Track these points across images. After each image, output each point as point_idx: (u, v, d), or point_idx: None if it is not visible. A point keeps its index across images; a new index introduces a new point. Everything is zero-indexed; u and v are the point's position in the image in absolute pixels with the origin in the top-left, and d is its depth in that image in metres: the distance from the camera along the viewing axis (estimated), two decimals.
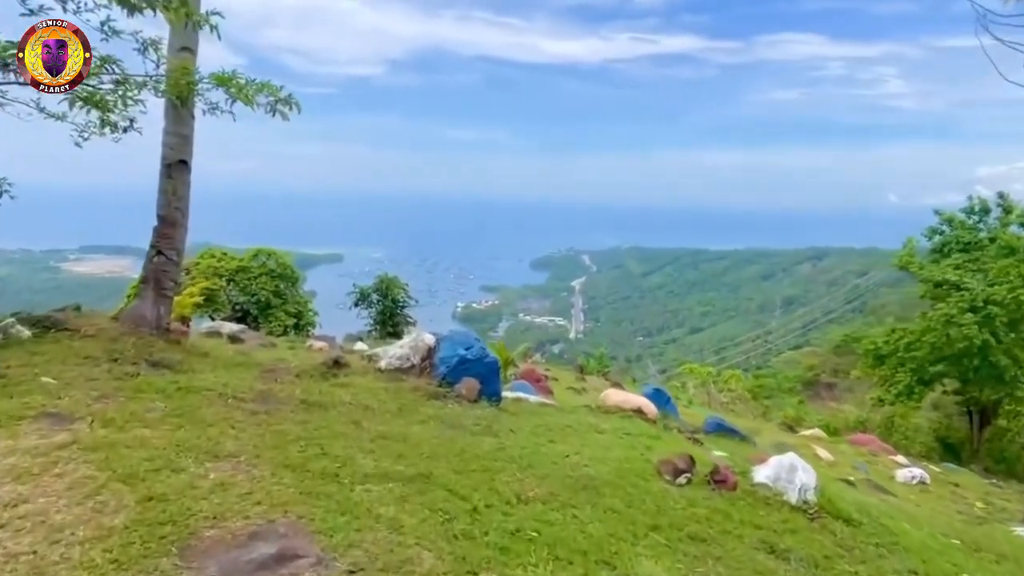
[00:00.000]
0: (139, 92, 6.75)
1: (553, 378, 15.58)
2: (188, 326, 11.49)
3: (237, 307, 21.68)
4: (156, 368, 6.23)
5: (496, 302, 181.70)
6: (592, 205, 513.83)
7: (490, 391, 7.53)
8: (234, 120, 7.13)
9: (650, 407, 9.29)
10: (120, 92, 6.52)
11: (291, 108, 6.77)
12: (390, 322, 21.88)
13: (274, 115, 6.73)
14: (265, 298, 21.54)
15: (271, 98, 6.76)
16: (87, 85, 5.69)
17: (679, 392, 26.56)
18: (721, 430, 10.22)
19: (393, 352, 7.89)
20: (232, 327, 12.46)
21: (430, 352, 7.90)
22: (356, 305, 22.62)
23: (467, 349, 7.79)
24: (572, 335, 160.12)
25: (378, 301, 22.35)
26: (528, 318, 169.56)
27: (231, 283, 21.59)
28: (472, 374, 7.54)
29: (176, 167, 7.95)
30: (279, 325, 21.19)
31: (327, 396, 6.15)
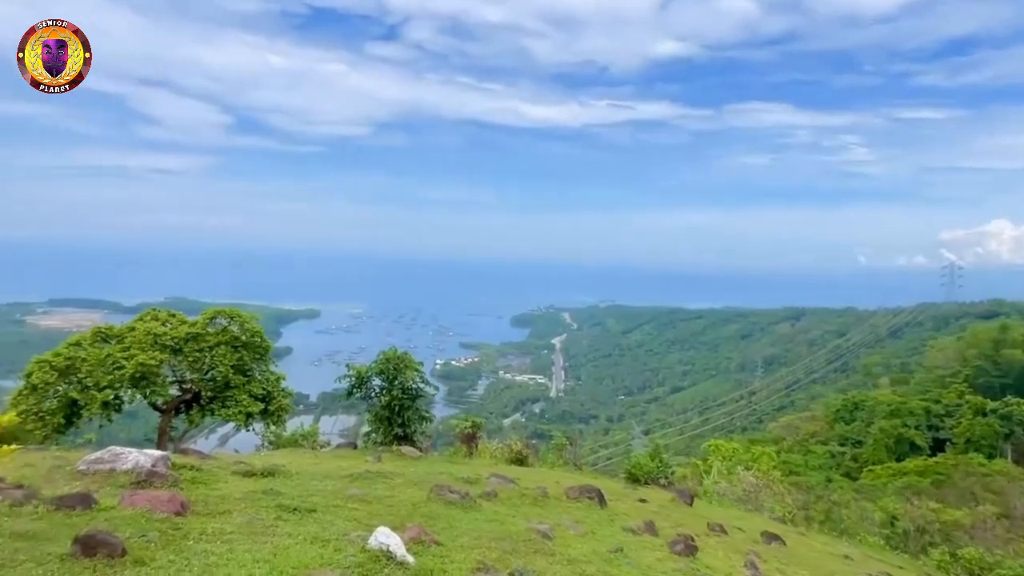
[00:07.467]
0: None
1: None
2: None
3: (186, 387, 16.91)
4: None
5: (476, 359, 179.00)
6: (572, 264, 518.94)
7: None
8: None
9: None
10: None
11: None
12: (398, 419, 15.96)
13: None
14: (223, 375, 16.65)
15: None
16: None
17: (703, 474, 23.01)
18: None
19: None
20: (136, 463, 7.13)
21: None
22: (350, 395, 16.89)
23: None
24: (553, 393, 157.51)
25: (382, 389, 16.30)
26: (509, 376, 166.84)
27: (178, 355, 16.66)
28: None
29: None
30: (240, 412, 16.54)
31: None
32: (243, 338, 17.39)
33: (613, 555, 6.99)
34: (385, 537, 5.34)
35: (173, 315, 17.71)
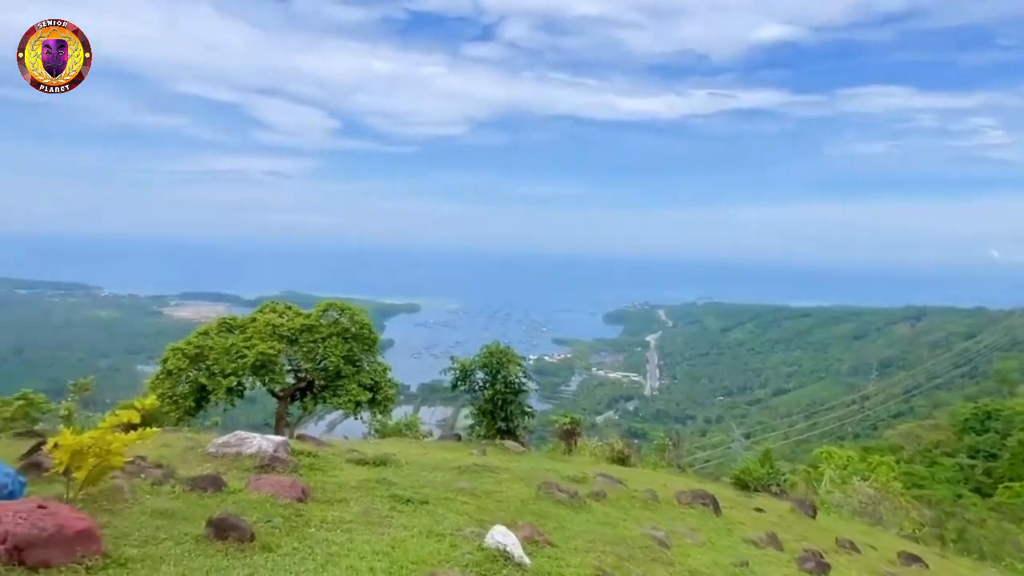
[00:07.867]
0: None
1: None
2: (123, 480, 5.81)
3: (301, 375, 18.09)
4: None
5: (568, 356, 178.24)
6: (668, 259, 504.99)
7: None
8: None
9: None
10: None
11: None
12: (501, 413, 16.10)
13: None
14: (335, 365, 17.57)
15: None
16: None
17: (815, 483, 21.75)
18: None
19: None
20: (259, 447, 7.40)
21: None
22: (455, 387, 17.23)
23: None
24: (647, 392, 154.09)
25: (485, 383, 16.54)
26: (601, 373, 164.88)
27: (294, 345, 17.65)
28: None
29: None
30: (349, 401, 17.54)
31: None
32: (353, 330, 18.21)
33: (738, 569, 6.49)
34: (502, 536, 5.20)
35: (289, 307, 18.73)
